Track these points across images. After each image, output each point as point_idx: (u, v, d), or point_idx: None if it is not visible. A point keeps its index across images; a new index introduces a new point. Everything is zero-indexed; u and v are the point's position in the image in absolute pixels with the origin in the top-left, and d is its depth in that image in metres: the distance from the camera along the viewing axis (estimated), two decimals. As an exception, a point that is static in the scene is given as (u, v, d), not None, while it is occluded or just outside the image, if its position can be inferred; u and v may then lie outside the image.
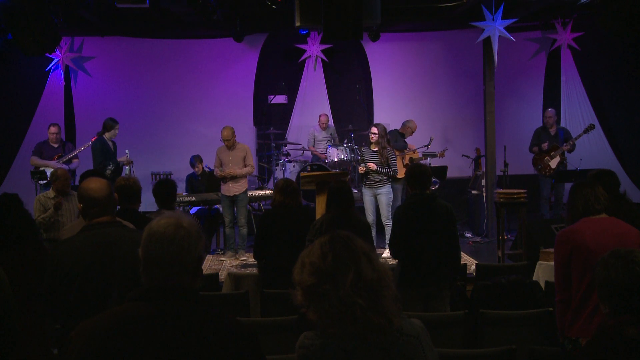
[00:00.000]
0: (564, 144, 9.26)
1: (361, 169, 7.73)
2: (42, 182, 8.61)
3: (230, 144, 8.09)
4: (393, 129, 9.50)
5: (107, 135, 8.49)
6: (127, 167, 8.46)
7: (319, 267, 1.84)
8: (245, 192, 8.25)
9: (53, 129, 8.93)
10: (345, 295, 1.79)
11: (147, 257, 1.90)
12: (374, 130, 7.74)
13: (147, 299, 1.86)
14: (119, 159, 8.40)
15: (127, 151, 8.56)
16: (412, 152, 9.20)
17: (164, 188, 5.25)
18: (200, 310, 1.89)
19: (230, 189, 8.09)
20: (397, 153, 8.91)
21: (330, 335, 1.82)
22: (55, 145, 8.95)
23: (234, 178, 8.06)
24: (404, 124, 9.51)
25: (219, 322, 1.89)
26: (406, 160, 8.99)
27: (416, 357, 1.86)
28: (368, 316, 1.79)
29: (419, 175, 4.77)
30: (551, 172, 9.26)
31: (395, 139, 9.20)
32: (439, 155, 9.69)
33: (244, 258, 8.06)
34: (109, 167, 8.20)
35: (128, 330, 1.80)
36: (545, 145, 9.29)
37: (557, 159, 9.24)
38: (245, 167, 8.13)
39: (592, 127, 9.41)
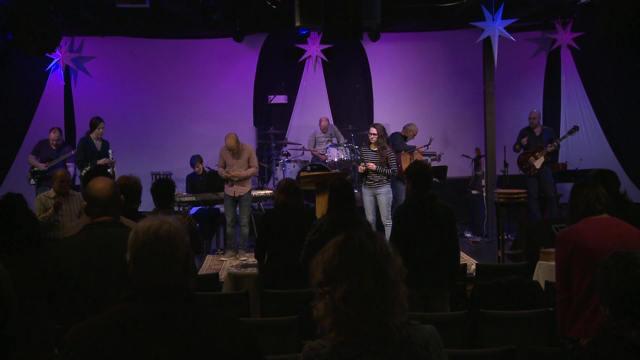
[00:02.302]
0: (549, 145, 9.29)
1: (361, 168, 7.74)
2: (32, 182, 8.61)
3: (235, 151, 8.07)
4: (395, 131, 9.50)
5: (93, 135, 8.45)
6: (111, 168, 8.29)
7: (326, 267, 1.82)
8: (250, 192, 8.25)
9: (53, 135, 8.85)
10: (338, 302, 1.77)
11: (135, 255, 1.91)
12: (373, 130, 7.75)
13: (141, 299, 1.86)
14: (98, 162, 8.29)
15: (110, 151, 8.43)
16: (418, 153, 9.19)
17: (161, 188, 5.22)
18: (197, 309, 1.88)
19: (235, 189, 8.09)
20: (402, 152, 8.90)
21: (332, 342, 1.80)
22: (54, 148, 8.93)
23: (239, 180, 8.06)
24: (405, 128, 9.51)
25: (217, 321, 1.87)
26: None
27: None
28: (361, 327, 1.76)
29: (418, 174, 4.75)
30: (536, 172, 9.32)
31: (400, 141, 9.20)
32: (436, 159, 9.70)
33: (244, 258, 8.06)
34: (86, 168, 8.19)
35: (123, 332, 1.79)
36: (524, 141, 9.36)
37: (541, 159, 9.27)
38: (250, 168, 8.13)
39: (576, 128, 9.47)
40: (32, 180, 8.63)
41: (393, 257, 1.86)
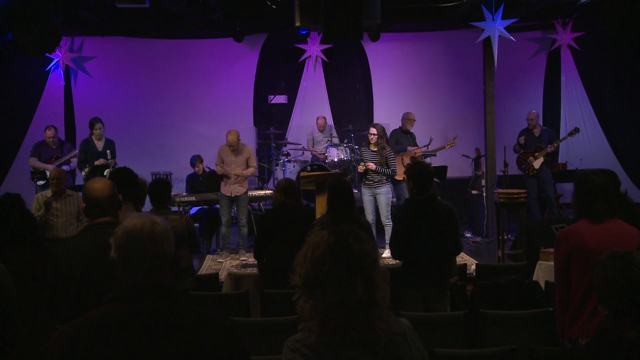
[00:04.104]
0: (549, 146, 9.31)
1: (360, 168, 7.74)
2: (40, 182, 8.60)
3: (235, 148, 8.06)
4: (395, 128, 9.48)
5: (93, 136, 8.44)
6: (109, 169, 8.24)
7: (316, 271, 1.84)
8: (246, 192, 8.24)
9: (49, 132, 8.84)
10: (328, 309, 1.80)
11: (127, 256, 1.90)
12: (373, 131, 7.75)
13: (131, 298, 1.86)
14: (96, 162, 8.29)
15: (108, 151, 8.41)
16: (412, 153, 9.17)
17: (157, 188, 5.22)
18: (184, 309, 1.89)
19: (232, 189, 8.07)
20: (401, 154, 8.89)
21: (317, 336, 1.83)
22: (54, 147, 8.92)
23: (237, 179, 8.04)
24: (402, 120, 9.48)
25: (204, 320, 1.88)
26: (407, 161, 8.95)
27: (402, 354, 1.88)
28: (349, 333, 1.80)
29: (419, 174, 4.74)
30: (534, 172, 9.33)
31: (398, 138, 9.19)
32: (447, 146, 9.59)
33: (244, 258, 8.06)
34: (85, 169, 8.18)
35: (112, 333, 1.79)
36: (522, 140, 9.41)
37: (540, 160, 9.29)
38: (248, 168, 8.12)
39: (577, 130, 9.49)
40: (38, 182, 8.62)
41: (378, 261, 1.90)
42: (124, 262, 1.91)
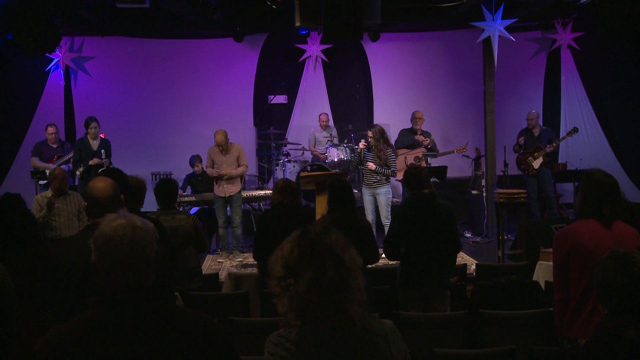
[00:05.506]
0: (548, 146, 9.32)
1: (362, 144, 7.72)
2: (42, 182, 8.60)
3: (224, 148, 8.05)
4: (394, 128, 9.50)
5: (88, 135, 8.44)
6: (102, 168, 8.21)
7: (286, 261, 1.91)
8: (240, 192, 8.22)
9: (51, 129, 8.87)
10: (302, 292, 1.84)
11: (109, 262, 1.87)
12: (369, 134, 7.75)
13: (117, 303, 1.84)
14: (90, 162, 8.29)
15: (102, 150, 8.41)
16: (417, 151, 9.16)
17: (165, 187, 5.24)
18: (170, 311, 1.89)
19: (226, 190, 8.06)
20: (404, 152, 8.89)
21: (299, 330, 1.86)
22: (54, 146, 8.92)
23: (230, 179, 8.03)
24: (411, 119, 9.52)
25: (192, 322, 1.88)
26: (410, 160, 8.96)
27: (382, 356, 1.91)
28: (326, 314, 1.84)
29: (415, 175, 4.77)
30: (534, 172, 9.35)
31: (404, 136, 9.21)
32: (457, 151, 9.58)
33: (240, 259, 8.05)
34: (79, 169, 8.17)
35: (99, 336, 1.78)
36: (522, 140, 9.41)
37: (540, 160, 9.30)
38: (239, 166, 8.11)
39: (575, 130, 9.51)
40: (40, 181, 8.61)
41: (349, 247, 1.95)
42: (107, 268, 1.88)
